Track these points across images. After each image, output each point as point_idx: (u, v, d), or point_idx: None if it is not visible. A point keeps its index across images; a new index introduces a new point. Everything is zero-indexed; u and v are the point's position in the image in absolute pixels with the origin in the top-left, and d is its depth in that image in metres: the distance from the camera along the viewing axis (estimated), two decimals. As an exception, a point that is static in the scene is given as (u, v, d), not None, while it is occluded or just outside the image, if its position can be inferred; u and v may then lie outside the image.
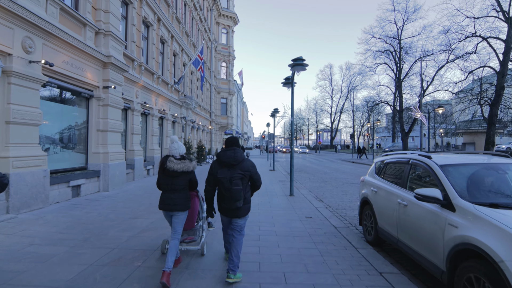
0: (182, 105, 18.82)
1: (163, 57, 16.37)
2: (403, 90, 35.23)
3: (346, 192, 10.79)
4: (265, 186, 11.54)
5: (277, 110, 18.33)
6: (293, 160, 9.33)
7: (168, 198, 3.50)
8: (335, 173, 18.25)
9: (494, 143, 21.60)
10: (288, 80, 9.94)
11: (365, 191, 5.35)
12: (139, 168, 12.26)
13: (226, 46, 34.74)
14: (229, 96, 35.04)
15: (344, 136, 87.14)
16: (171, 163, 3.43)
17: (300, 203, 8.11)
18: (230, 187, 3.26)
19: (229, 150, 3.42)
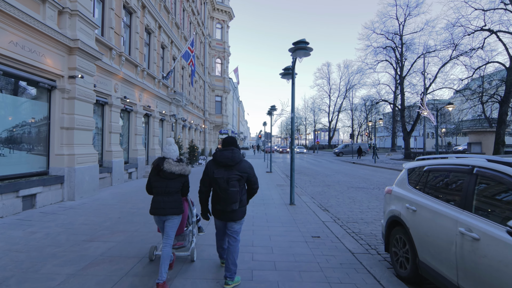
0: (172, 102, 17.36)
1: (149, 49, 14.90)
2: (404, 88, 34.04)
3: (354, 199, 9.41)
4: (261, 191, 10.13)
5: (274, 107, 16.95)
6: (293, 162, 7.92)
7: (161, 202, 3.36)
8: (337, 175, 16.89)
9: (504, 142, 20.40)
10: (288, 70, 8.53)
11: (394, 208, 3.97)
12: (118, 172, 10.80)
13: (221, 41, 33.28)
14: (224, 94, 33.58)
15: (342, 135, 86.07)
16: (169, 164, 3.35)
17: (303, 215, 6.71)
18: (227, 188, 3.12)
19: (226, 150, 3.29)
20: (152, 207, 3.41)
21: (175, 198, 3.42)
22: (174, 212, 3.38)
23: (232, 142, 3.42)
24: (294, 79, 8.05)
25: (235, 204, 3.17)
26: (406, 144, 33.26)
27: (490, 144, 24.65)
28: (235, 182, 3.17)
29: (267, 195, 9.47)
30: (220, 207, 3.22)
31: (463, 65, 24.73)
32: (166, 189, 3.38)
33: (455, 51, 27.46)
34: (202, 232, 4.68)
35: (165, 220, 3.41)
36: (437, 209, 3.10)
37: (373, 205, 8.35)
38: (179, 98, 17.83)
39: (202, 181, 3.36)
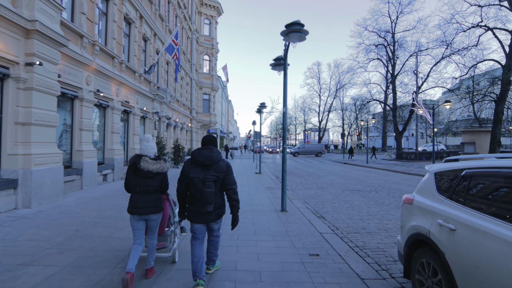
0: (155, 99, 16.22)
1: (129, 40, 13.75)
2: (396, 87, 33.67)
3: (351, 203, 8.56)
4: (249, 195, 9.19)
5: (264, 104, 16.02)
6: (285, 164, 6.98)
7: (140, 201, 3.25)
8: (330, 176, 16.09)
9: (500, 142, 20.02)
10: (279, 61, 7.60)
11: (418, 223, 3.07)
12: (90, 174, 9.66)
13: (209, 38, 32.17)
14: (212, 92, 32.47)
15: (332, 135, 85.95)
16: (146, 163, 3.21)
17: (296, 225, 5.79)
18: (202, 188, 2.98)
19: (205, 149, 3.18)
20: (130, 206, 3.29)
21: (154, 197, 3.32)
22: (154, 211, 3.30)
23: (211, 140, 3.29)
24: (287, 69, 7.13)
25: (210, 205, 3.03)
26: (398, 144, 32.88)
27: (484, 144, 24.35)
28: (211, 183, 3.01)
29: (255, 199, 8.52)
30: (195, 208, 3.10)
31: (458, 63, 24.37)
32: (145, 188, 3.26)
33: (448, 49, 27.22)
34: (185, 232, 4.49)
35: (147, 219, 3.33)
36: (495, 231, 2.21)
37: (373, 211, 7.51)
38: (163, 94, 16.70)
39: (179, 180, 3.22)
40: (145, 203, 3.25)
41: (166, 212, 3.67)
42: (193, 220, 3.18)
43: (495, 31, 20.60)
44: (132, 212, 3.26)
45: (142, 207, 3.24)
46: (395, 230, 5.82)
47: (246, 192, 9.76)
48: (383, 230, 5.86)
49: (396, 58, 33.28)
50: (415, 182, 13.50)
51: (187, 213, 3.22)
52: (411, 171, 17.75)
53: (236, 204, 3.22)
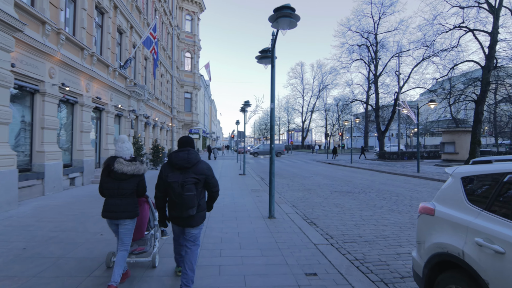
0: (131, 96, 15.17)
1: (102, 32, 12.69)
2: (379, 87, 33.90)
3: (342, 207, 8.01)
4: (233, 199, 8.47)
5: (248, 103, 15.33)
6: (273, 165, 6.31)
7: (113, 205, 3.11)
8: (316, 177, 15.60)
9: (480, 142, 20.28)
10: (266, 53, 6.92)
11: (445, 241, 2.47)
12: (53, 178, 8.63)
13: (191, 34, 31.14)
14: (194, 91, 31.45)
15: (315, 136, 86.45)
16: (120, 164, 3.08)
17: (287, 235, 5.13)
18: (182, 192, 2.84)
19: (182, 151, 3.02)
20: (103, 209, 3.16)
21: (128, 201, 3.15)
22: (127, 216, 3.12)
23: (188, 142, 3.14)
24: (274, 62, 6.46)
25: (192, 209, 2.89)
26: (381, 144, 33.08)
27: (464, 143, 24.75)
28: (191, 186, 2.90)
29: (240, 204, 7.81)
30: (175, 213, 2.94)
31: (438, 64, 24.64)
32: (119, 191, 3.11)
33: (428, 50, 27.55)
34: (166, 235, 4.25)
35: (119, 224, 3.15)
36: None
37: (366, 215, 6.98)
38: (140, 91, 15.67)
39: (157, 185, 3.07)
40: (117, 207, 3.09)
41: (146, 215, 3.50)
42: (174, 222, 3.10)
43: (475, 33, 20.87)
44: (105, 216, 3.13)
45: (114, 211, 3.08)
46: (394, 238, 5.28)
47: (230, 196, 9.03)
48: (381, 238, 5.31)
49: (378, 59, 33.50)
50: (401, 182, 13.22)
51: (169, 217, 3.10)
52: (396, 171, 17.59)
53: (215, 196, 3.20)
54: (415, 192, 10.35)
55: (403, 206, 8.00)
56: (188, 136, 3.23)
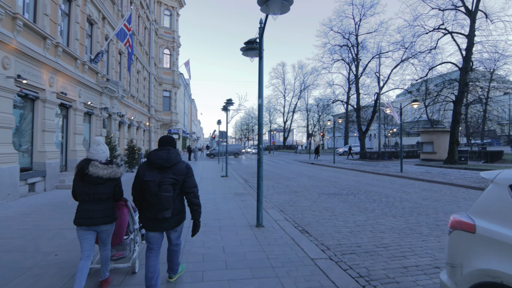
0: (103, 92, 14.03)
1: (70, 21, 11.56)
2: (359, 88, 34.14)
3: (333, 211, 7.49)
4: (216, 205, 7.74)
5: (231, 101, 14.59)
6: (261, 168, 5.64)
7: (89, 211, 2.92)
8: (300, 178, 15.13)
9: (458, 142, 20.64)
10: (253, 44, 6.22)
11: (496, 268, 1.92)
12: (7, 183, 7.54)
13: (170, 30, 29.94)
14: (173, 89, 30.26)
15: (297, 136, 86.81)
16: (95, 168, 2.92)
17: (279, 248, 4.49)
18: (158, 192, 2.71)
19: (161, 150, 2.93)
20: (77, 216, 2.93)
21: (105, 205, 2.98)
22: (104, 221, 2.97)
23: (168, 141, 3.04)
24: (262, 52, 5.81)
25: (167, 211, 2.77)
26: (362, 144, 33.30)
27: (441, 143, 25.21)
28: (169, 187, 2.75)
29: (224, 210, 7.10)
30: (150, 214, 2.80)
31: (417, 66, 24.99)
32: (94, 196, 2.93)
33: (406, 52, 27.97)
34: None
35: (98, 232, 2.99)
36: None
37: (360, 220, 6.48)
38: (114, 87, 14.55)
39: (134, 185, 2.93)
40: (95, 213, 2.93)
41: (125, 220, 3.37)
42: (149, 228, 2.90)
43: (453, 35, 21.25)
44: (79, 223, 2.91)
45: (91, 217, 2.91)
46: (395, 247, 4.78)
47: (212, 201, 8.29)
48: (381, 247, 4.79)
49: (359, 60, 33.72)
50: (387, 182, 12.98)
51: (142, 220, 2.95)
52: (379, 171, 17.46)
53: (198, 208, 2.98)
54: (403, 193, 10.04)
55: (396, 209, 7.59)
56: (169, 135, 3.12)
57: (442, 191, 10.59)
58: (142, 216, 2.95)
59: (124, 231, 3.37)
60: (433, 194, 9.83)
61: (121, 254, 3.42)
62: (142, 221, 2.96)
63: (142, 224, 2.98)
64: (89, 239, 2.96)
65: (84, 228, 2.93)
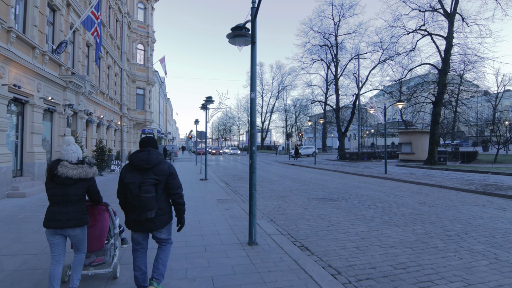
0: (67, 87, 12.53)
1: (26, 4, 10.07)
2: (339, 89, 34.14)
3: (329, 220, 6.76)
4: (197, 215, 6.78)
5: (211, 99, 13.57)
6: (255, 174, 4.73)
7: (58, 213, 2.80)
8: (285, 181, 14.40)
9: (438, 142, 20.86)
10: (242, 30, 5.29)
11: None
12: None
13: (144, 24, 28.27)
14: (147, 87, 28.61)
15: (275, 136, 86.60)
16: (64, 168, 2.81)
17: (281, 275, 3.63)
18: (139, 194, 2.69)
19: (142, 151, 2.91)
20: (46, 218, 2.82)
21: (75, 207, 2.86)
22: (73, 224, 2.82)
23: (149, 142, 2.99)
24: (255, 37, 4.92)
25: (150, 212, 2.75)
26: (341, 144, 33.30)
27: (420, 144, 25.55)
28: (150, 187, 2.74)
29: (207, 222, 6.14)
30: (134, 216, 2.80)
31: (396, 67, 25.15)
32: (64, 197, 2.82)
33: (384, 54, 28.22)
34: (126, 243, 3.94)
35: (68, 236, 2.85)
36: None
37: (362, 232, 5.78)
38: (80, 82, 13.07)
39: (118, 188, 2.91)
40: (63, 215, 2.78)
41: (106, 225, 3.27)
42: (133, 228, 2.89)
43: (433, 37, 21.47)
44: (47, 225, 2.78)
45: (59, 219, 2.76)
46: (416, 268, 4.08)
47: (193, 210, 7.29)
48: (400, 268, 4.07)
49: (338, 60, 33.73)
50: (375, 185, 12.54)
51: (128, 223, 2.91)
52: (363, 172, 17.15)
53: (182, 207, 3.00)
54: (396, 197, 9.55)
55: (396, 217, 6.98)
56: (150, 136, 3.05)
57: (434, 194, 10.22)
58: (127, 218, 2.90)
59: (105, 236, 3.29)
60: (427, 198, 9.40)
61: (101, 259, 3.34)
62: (127, 223, 2.91)
63: (127, 225, 2.91)
64: (57, 243, 2.83)
65: (51, 231, 2.81)
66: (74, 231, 2.84)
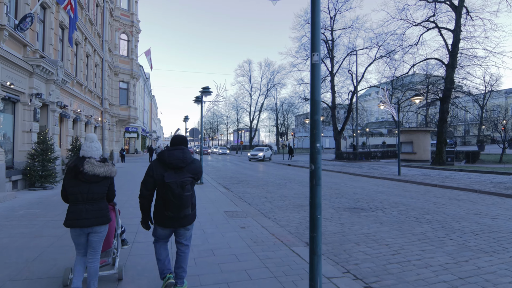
0: (35, 73, 10.30)
1: (-25, -38, 7.85)
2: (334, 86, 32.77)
3: (386, 243, 5.07)
4: (206, 238, 4.94)
5: (208, 89, 11.62)
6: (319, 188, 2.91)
7: (83, 211, 2.77)
8: (291, 184, 12.67)
9: (446, 141, 19.68)
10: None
11: None
12: None
13: (128, 12, 25.88)
14: (131, 80, 26.22)
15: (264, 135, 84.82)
16: (91, 165, 2.79)
17: None
18: (182, 193, 2.73)
19: (176, 149, 2.94)
20: (69, 218, 2.78)
21: (100, 205, 2.88)
22: (101, 221, 2.84)
23: (182, 140, 3.05)
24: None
25: (187, 209, 2.83)
26: (337, 144, 31.97)
27: (421, 143, 24.49)
28: (189, 186, 2.80)
29: (224, 252, 4.30)
30: (172, 213, 2.80)
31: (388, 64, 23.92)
32: (89, 195, 2.81)
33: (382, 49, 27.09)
34: (126, 245, 3.88)
35: (90, 233, 2.83)
36: None
37: (446, 263, 4.12)
38: (51, 68, 10.86)
39: (145, 183, 2.91)
40: (90, 213, 2.77)
41: (113, 224, 3.27)
42: (166, 225, 2.91)
43: (440, 30, 20.32)
44: (71, 225, 2.75)
45: (86, 217, 2.76)
46: None
47: (198, 229, 5.42)
48: None
49: (333, 56, 32.34)
50: (399, 189, 10.99)
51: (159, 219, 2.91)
52: (373, 174, 15.68)
53: None
54: (439, 206, 8.00)
55: (469, 236, 5.36)
56: (181, 135, 3.17)
57: (478, 201, 8.73)
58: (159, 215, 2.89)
59: (112, 237, 3.29)
60: (475, 207, 7.88)
61: (105, 261, 3.26)
62: (159, 220, 2.90)
63: (159, 222, 2.91)
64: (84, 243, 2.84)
65: (77, 231, 2.79)
66: (100, 228, 2.83)
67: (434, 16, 19.68)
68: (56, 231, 5.19)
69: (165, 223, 2.89)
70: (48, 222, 5.87)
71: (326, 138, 68.06)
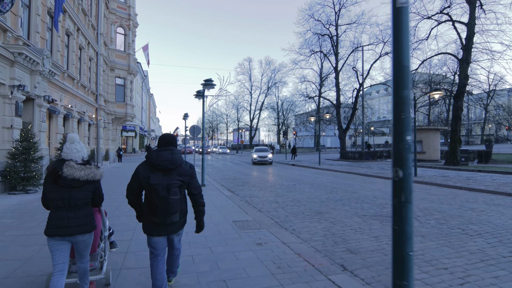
0: (16, 61, 9.19)
1: None
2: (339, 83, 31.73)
3: (444, 266, 4.04)
4: (216, 259, 3.84)
5: (211, 82, 10.52)
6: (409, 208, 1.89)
7: (65, 218, 2.51)
8: (302, 186, 11.61)
9: (461, 140, 18.65)
10: None
11: None
12: None
13: (125, 5, 24.73)
14: (128, 76, 25.07)
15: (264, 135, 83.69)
16: (70, 168, 2.52)
17: None
18: (167, 196, 2.53)
19: (164, 150, 2.69)
20: (49, 225, 2.50)
21: (84, 212, 2.60)
22: (84, 230, 2.58)
23: (171, 140, 2.79)
24: None
25: (175, 215, 2.60)
26: (342, 143, 30.92)
27: (431, 142, 23.51)
28: (176, 189, 2.59)
29: (234, 275, 3.23)
30: (157, 219, 2.58)
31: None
32: (70, 201, 2.54)
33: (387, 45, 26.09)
34: (115, 247, 3.63)
35: (74, 242, 2.58)
36: None
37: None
38: (36, 57, 9.74)
39: (130, 188, 2.70)
40: (72, 221, 2.52)
41: (99, 227, 3.02)
42: (154, 233, 2.67)
43: (454, 23, 19.29)
44: (51, 233, 2.48)
45: (68, 226, 2.50)
46: None
47: (203, 246, 4.37)
48: None
49: (338, 52, 31.31)
50: (423, 193, 9.92)
51: (145, 226, 2.71)
52: (386, 175, 14.64)
53: (203, 208, 2.85)
54: (478, 213, 6.95)
55: (539, 255, 4.31)
56: (171, 134, 2.87)
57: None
58: (145, 221, 2.69)
59: (98, 240, 3.05)
60: (522, 214, 6.84)
61: (91, 265, 3.07)
62: (147, 226, 2.69)
63: (145, 229, 2.70)
64: (63, 250, 2.54)
65: (57, 239, 2.51)
66: (83, 237, 2.60)
67: (449, 7, 18.60)
68: (24, 252, 4.11)
69: (151, 231, 2.65)
70: (19, 237, 4.77)
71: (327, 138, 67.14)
